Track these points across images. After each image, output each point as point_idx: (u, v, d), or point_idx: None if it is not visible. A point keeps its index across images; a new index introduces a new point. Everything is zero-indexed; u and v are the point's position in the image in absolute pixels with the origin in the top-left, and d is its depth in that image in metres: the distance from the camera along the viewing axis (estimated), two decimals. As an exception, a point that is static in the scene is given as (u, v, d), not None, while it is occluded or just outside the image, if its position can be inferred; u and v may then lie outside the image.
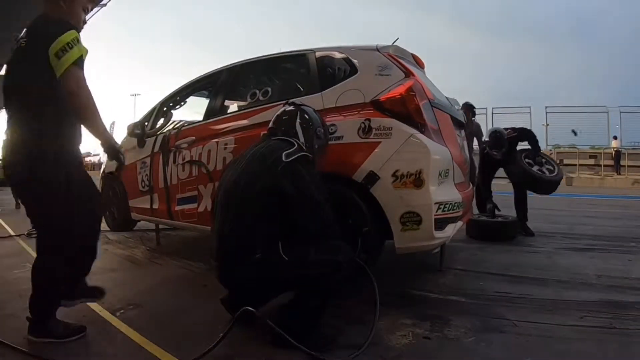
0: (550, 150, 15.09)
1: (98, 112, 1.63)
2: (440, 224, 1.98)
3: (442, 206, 1.97)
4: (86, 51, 1.60)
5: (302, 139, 1.74)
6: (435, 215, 1.93)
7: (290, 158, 1.57)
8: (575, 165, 14.14)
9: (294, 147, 1.63)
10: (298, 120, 1.79)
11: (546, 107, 15.58)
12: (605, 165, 13.91)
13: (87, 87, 1.58)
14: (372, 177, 1.97)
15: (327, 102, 2.18)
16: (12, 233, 4.28)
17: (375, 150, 1.98)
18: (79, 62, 1.56)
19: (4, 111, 1.76)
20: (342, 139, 2.05)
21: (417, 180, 1.91)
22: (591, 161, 14.58)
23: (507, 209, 4.11)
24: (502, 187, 4.03)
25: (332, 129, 2.05)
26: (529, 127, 4.12)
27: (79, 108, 1.58)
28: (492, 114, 15.96)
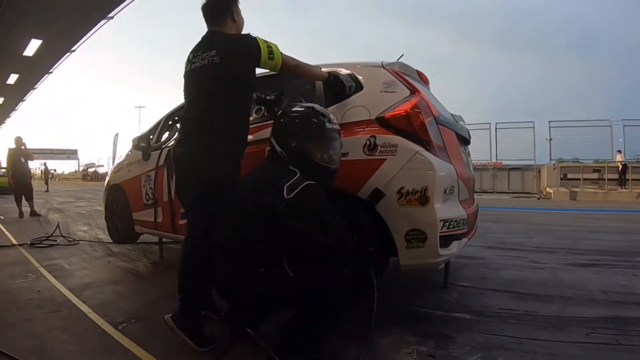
0: (554, 164, 15.08)
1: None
2: (445, 241, 1.96)
3: (447, 223, 1.96)
4: None
5: None
6: (440, 232, 1.92)
7: (292, 193, 1.50)
8: (579, 179, 14.11)
9: (297, 177, 1.56)
10: None
11: (549, 122, 15.58)
12: (609, 180, 13.85)
13: None
14: (378, 194, 1.96)
15: None
16: (15, 242, 4.30)
17: (381, 167, 1.98)
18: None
19: None
20: (348, 156, 2.05)
21: (423, 198, 1.90)
22: (595, 175, 14.54)
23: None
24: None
25: None
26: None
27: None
28: (496, 129, 16.01)
